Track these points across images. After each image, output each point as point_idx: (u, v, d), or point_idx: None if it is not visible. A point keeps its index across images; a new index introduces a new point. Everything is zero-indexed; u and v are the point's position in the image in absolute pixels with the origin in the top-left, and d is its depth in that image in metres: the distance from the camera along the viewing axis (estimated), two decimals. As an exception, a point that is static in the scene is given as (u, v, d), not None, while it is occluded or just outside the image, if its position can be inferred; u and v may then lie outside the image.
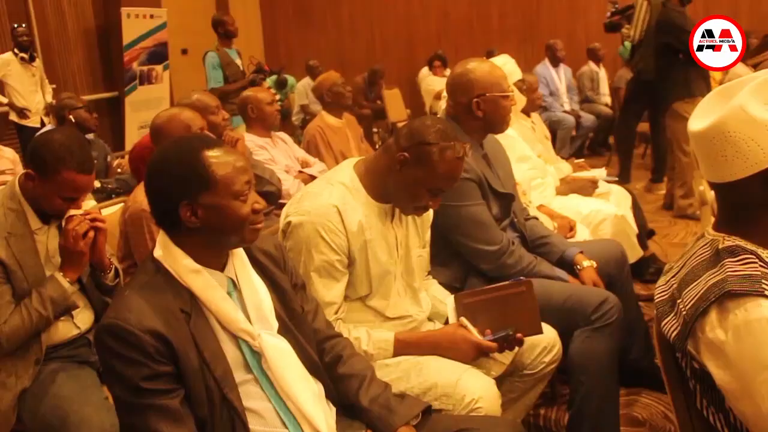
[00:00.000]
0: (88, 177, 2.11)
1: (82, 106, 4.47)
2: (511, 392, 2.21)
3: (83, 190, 2.12)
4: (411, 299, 2.15)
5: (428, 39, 10.74)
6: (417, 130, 1.96)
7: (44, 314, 2.03)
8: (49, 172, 2.05)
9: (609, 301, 2.34)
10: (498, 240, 2.41)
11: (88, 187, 2.15)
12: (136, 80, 9.01)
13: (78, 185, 2.08)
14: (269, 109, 4.04)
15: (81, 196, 2.13)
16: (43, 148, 2.07)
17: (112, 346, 1.41)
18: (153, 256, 1.55)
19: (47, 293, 2.04)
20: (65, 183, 2.05)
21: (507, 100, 2.47)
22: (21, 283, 2.06)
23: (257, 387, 1.56)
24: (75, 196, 2.10)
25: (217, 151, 1.51)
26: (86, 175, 2.10)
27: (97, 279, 2.23)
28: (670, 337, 1.36)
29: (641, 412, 2.82)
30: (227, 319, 1.54)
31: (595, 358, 2.31)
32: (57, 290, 2.06)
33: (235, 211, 1.50)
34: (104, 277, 2.22)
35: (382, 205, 2.03)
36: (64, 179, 2.04)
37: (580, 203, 3.52)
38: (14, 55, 6.83)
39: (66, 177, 2.04)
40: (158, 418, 1.41)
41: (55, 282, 2.07)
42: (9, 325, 2.00)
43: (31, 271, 2.08)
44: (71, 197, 2.10)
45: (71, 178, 2.05)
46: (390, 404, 1.68)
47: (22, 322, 2.01)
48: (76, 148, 2.06)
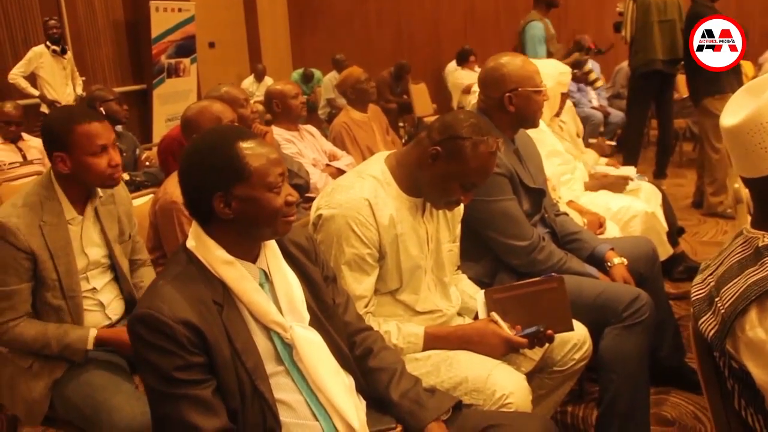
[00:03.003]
0: (102, 123, 2.10)
1: (112, 98, 4.49)
2: (540, 389, 2.19)
3: (107, 137, 2.09)
4: (441, 294, 2.14)
5: (454, 34, 10.70)
6: (450, 124, 1.94)
7: (50, 348, 2.05)
8: (65, 137, 2.05)
9: (641, 299, 2.32)
10: (529, 235, 2.39)
11: (107, 132, 2.10)
12: (163, 73, 9.11)
13: (96, 132, 2.06)
14: (294, 102, 4.02)
15: (108, 143, 2.09)
16: (49, 125, 2.12)
17: (145, 336, 1.42)
18: (185, 247, 1.55)
19: (70, 340, 2.06)
20: (84, 137, 2.05)
21: (539, 95, 2.45)
22: (50, 273, 2.05)
23: (288, 379, 1.56)
24: (103, 144, 2.07)
25: (251, 142, 1.51)
26: (99, 122, 2.09)
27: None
28: (708, 335, 1.34)
29: (670, 411, 2.79)
30: (259, 311, 1.54)
31: (625, 356, 2.28)
32: (78, 344, 2.07)
33: (268, 203, 1.50)
34: None
35: (413, 199, 2.02)
36: (81, 134, 2.04)
37: (609, 199, 3.48)
38: (46, 48, 6.90)
39: (81, 131, 2.04)
40: (190, 408, 1.42)
41: (84, 340, 2.07)
42: (21, 329, 2.03)
43: (63, 260, 2.08)
44: (100, 149, 2.07)
45: (86, 130, 2.05)
46: (420, 399, 1.67)
47: (32, 339, 2.04)
48: (76, 108, 2.06)
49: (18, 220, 2.02)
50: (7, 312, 2.02)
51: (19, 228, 2.00)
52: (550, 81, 3.06)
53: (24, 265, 2.02)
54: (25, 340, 2.04)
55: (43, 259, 2.04)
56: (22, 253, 2.00)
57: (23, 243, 2.00)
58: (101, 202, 2.22)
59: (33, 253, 2.02)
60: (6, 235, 2.00)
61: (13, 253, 2.00)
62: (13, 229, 2.00)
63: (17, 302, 2.03)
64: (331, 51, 10.20)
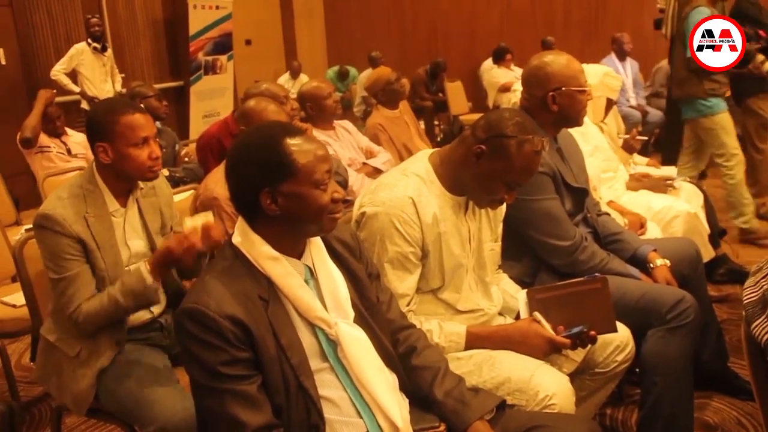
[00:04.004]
0: (144, 115, 2.12)
1: (152, 95, 4.56)
2: (581, 390, 2.16)
3: (149, 129, 2.11)
4: (482, 293, 2.12)
5: (490, 32, 10.62)
6: (495, 122, 1.93)
7: (122, 304, 2.03)
8: (108, 128, 2.07)
9: (685, 301, 2.28)
10: (571, 235, 2.37)
11: (149, 124, 2.12)
12: (200, 70, 9.20)
13: (139, 123, 2.08)
14: (327, 103, 3.99)
15: (150, 136, 2.11)
16: (93, 115, 2.15)
17: (192, 331, 1.43)
18: (231, 243, 1.57)
19: (129, 285, 2.04)
20: (127, 128, 2.07)
21: (583, 95, 2.41)
22: (99, 263, 2.08)
23: (333, 375, 1.56)
24: (145, 137, 2.09)
25: (298, 139, 1.51)
26: (142, 114, 2.11)
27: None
28: (761, 340, 1.32)
29: (713, 416, 2.74)
30: (304, 307, 1.54)
31: (669, 359, 2.25)
32: (139, 284, 2.04)
33: (315, 200, 1.50)
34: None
35: (457, 198, 2.01)
36: (124, 124, 2.06)
37: (651, 199, 3.43)
38: (87, 45, 7.02)
39: (124, 122, 2.06)
40: (235, 403, 1.43)
41: (139, 276, 2.04)
42: (88, 307, 2.04)
43: (109, 252, 2.10)
44: (142, 140, 2.09)
45: (129, 121, 2.07)
46: (464, 398, 1.66)
47: (101, 307, 2.04)
48: (118, 101, 2.15)
49: (63, 211, 2.05)
50: (75, 297, 2.04)
51: (66, 218, 2.03)
52: (593, 79, 3.03)
53: (77, 249, 2.04)
54: (97, 312, 2.04)
55: (92, 248, 2.07)
56: (72, 239, 2.03)
57: (71, 230, 2.03)
58: (142, 194, 2.24)
59: (83, 241, 2.05)
60: (53, 225, 2.03)
61: (64, 240, 2.03)
62: (60, 219, 2.03)
63: (81, 286, 2.05)
64: (366, 48, 10.20)
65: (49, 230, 2.03)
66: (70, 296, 2.04)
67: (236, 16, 9.63)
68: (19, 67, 7.34)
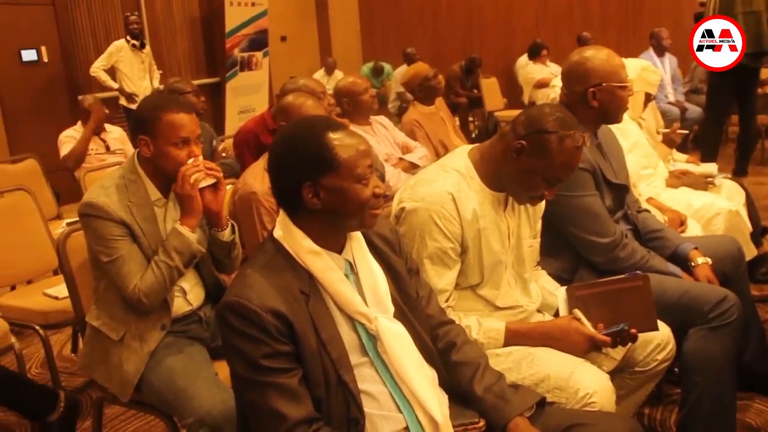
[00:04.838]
0: (189, 115, 2.13)
1: (190, 90, 4.58)
2: (621, 389, 2.14)
3: (191, 130, 2.13)
4: (521, 289, 2.11)
5: (526, 27, 10.54)
6: (535, 118, 1.91)
7: (172, 264, 2.08)
8: (152, 123, 2.10)
9: (728, 300, 2.24)
10: (611, 232, 2.34)
11: (193, 124, 2.14)
12: (236, 66, 9.28)
13: (181, 123, 2.10)
14: (363, 98, 4.00)
15: (191, 137, 2.13)
16: (141, 108, 2.21)
17: (234, 324, 1.44)
18: (273, 236, 1.57)
19: (170, 244, 2.10)
20: (168, 126, 2.10)
21: (624, 91, 2.38)
22: (146, 250, 2.13)
23: (372, 370, 1.56)
24: (185, 137, 2.12)
25: (340, 133, 1.51)
26: (187, 114, 2.13)
27: (214, 236, 2.26)
28: None
29: (755, 418, 2.69)
30: (345, 301, 1.54)
31: (711, 358, 2.21)
32: (178, 239, 2.10)
33: (356, 194, 1.51)
34: (220, 234, 2.26)
35: (496, 194, 2.00)
36: (167, 122, 2.09)
37: (691, 196, 3.38)
38: (126, 42, 7.12)
39: (167, 120, 2.09)
40: (276, 396, 1.43)
41: (175, 232, 2.11)
42: (145, 282, 2.08)
43: (153, 239, 2.14)
44: (182, 140, 2.11)
45: (172, 119, 2.09)
46: (505, 394, 1.66)
47: (154, 276, 2.08)
48: (167, 97, 2.19)
49: (107, 199, 2.09)
50: (131, 275, 2.08)
51: (110, 205, 2.08)
52: (631, 73, 2.99)
53: (124, 231, 2.10)
54: (154, 282, 2.08)
55: (137, 234, 2.12)
56: (117, 224, 2.08)
57: (116, 216, 2.08)
58: None
59: (128, 225, 2.10)
60: (98, 212, 2.08)
61: (110, 224, 2.08)
62: (104, 206, 2.07)
63: (134, 264, 2.09)
64: (401, 44, 10.20)
65: (94, 217, 2.08)
66: (126, 274, 2.08)
67: (272, 13, 9.69)
68: (60, 65, 7.48)
